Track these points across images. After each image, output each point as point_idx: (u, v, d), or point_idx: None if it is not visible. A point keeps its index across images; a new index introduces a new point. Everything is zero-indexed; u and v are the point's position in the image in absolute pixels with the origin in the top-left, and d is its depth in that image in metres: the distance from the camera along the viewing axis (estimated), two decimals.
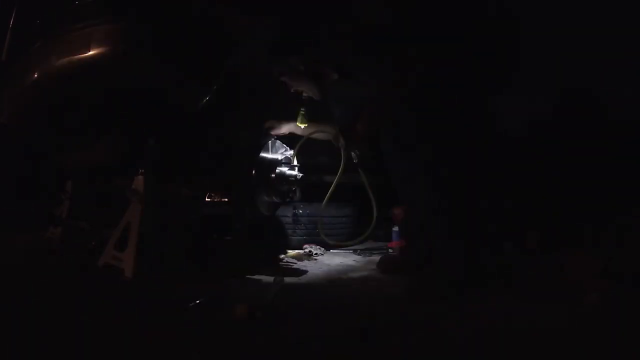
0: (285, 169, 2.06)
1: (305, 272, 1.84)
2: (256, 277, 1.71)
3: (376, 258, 2.04)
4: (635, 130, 1.73)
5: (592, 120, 1.79)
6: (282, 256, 2.19)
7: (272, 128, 2.12)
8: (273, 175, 2.02)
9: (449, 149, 1.60)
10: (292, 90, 2.04)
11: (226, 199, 2.09)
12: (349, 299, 1.49)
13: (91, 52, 1.64)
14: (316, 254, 2.25)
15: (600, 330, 1.18)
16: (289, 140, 2.19)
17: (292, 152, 2.15)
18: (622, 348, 1.08)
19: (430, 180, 1.61)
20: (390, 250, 2.26)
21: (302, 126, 2.05)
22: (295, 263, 2.04)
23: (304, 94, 2.03)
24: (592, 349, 1.08)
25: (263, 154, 2.04)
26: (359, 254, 2.31)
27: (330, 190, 1.99)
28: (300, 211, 2.46)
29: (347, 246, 2.36)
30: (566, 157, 1.78)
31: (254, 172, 1.95)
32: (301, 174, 2.07)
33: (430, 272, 1.61)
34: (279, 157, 2.13)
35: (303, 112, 2.05)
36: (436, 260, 1.60)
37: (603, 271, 1.49)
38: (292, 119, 2.09)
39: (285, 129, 2.13)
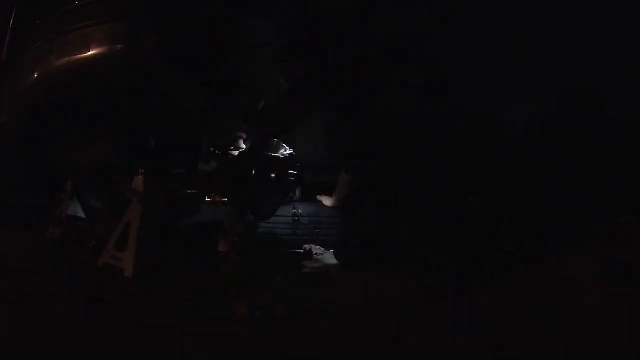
0: (285, 169, 2.06)
1: (305, 272, 1.84)
2: (256, 277, 1.70)
3: None
4: (635, 130, 1.73)
5: (592, 120, 1.79)
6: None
7: None
8: (273, 175, 2.02)
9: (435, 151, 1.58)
10: None
11: (226, 199, 2.09)
12: (349, 298, 1.49)
13: (91, 52, 1.64)
14: (316, 253, 2.25)
15: (600, 330, 1.18)
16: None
17: (292, 151, 2.14)
18: (622, 348, 1.08)
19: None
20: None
21: None
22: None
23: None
24: (592, 349, 1.08)
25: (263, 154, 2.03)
26: None
27: None
28: (301, 211, 2.45)
29: None
30: (566, 157, 1.78)
31: (254, 172, 1.95)
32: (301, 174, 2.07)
33: (429, 272, 1.61)
34: (280, 156, 2.12)
35: None
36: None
37: (603, 271, 1.49)
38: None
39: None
